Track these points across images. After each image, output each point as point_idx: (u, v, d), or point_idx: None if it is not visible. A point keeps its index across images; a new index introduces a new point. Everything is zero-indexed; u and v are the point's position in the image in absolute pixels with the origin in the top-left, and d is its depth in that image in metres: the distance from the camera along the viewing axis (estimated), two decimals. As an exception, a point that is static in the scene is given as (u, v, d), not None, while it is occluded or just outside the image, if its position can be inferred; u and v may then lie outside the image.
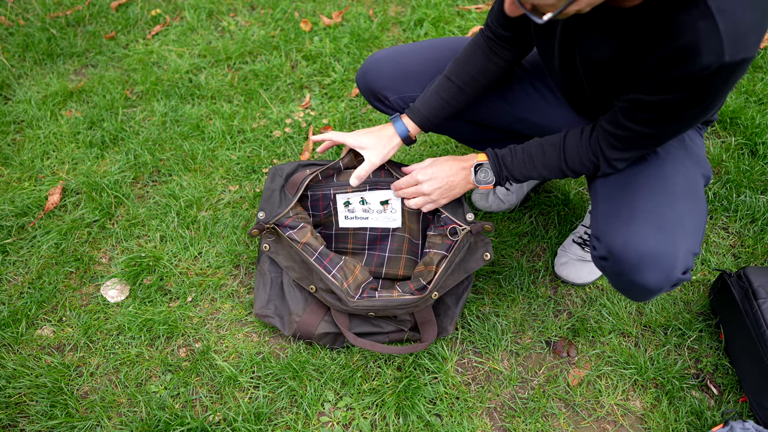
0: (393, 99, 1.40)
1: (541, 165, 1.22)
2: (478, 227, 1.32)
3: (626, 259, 1.08)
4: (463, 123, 1.45)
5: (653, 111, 0.99)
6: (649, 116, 1.01)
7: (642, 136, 1.06)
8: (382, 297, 1.31)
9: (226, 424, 1.33)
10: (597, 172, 1.19)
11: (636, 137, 1.07)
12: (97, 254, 1.67)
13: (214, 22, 2.44)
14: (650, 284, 1.08)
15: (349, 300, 1.30)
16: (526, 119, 1.38)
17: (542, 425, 1.33)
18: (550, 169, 1.22)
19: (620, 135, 1.08)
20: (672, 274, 1.07)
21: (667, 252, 1.05)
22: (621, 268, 1.10)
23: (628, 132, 1.06)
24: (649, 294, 1.11)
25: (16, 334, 1.50)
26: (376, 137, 1.34)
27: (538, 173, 1.24)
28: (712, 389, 1.38)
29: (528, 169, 1.24)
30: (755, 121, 1.85)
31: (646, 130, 1.04)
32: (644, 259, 1.06)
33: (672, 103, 0.96)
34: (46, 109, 2.07)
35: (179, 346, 1.48)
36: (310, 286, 1.36)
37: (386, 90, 1.40)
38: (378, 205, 1.47)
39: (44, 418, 1.34)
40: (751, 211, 1.66)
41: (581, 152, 1.17)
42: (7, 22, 2.44)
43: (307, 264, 1.35)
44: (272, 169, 1.45)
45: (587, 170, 1.19)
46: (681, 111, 0.97)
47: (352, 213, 1.49)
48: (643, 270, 1.07)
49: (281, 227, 1.36)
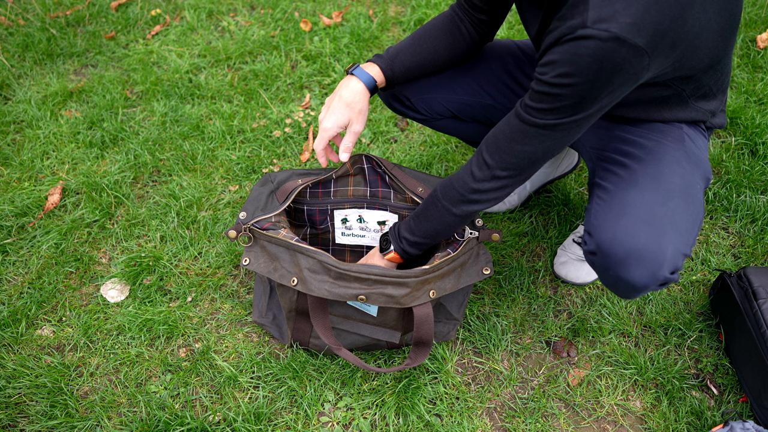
0: (415, 100, 1.39)
1: (431, 222, 1.22)
2: (485, 235, 1.30)
3: (613, 254, 1.07)
4: (470, 123, 1.45)
5: (543, 95, 0.99)
6: (541, 99, 1.00)
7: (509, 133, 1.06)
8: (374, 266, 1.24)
9: (226, 424, 1.33)
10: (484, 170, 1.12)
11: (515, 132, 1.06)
12: (97, 254, 1.67)
13: (214, 22, 2.44)
14: (636, 280, 1.07)
15: (339, 263, 1.22)
16: None
17: (542, 425, 1.33)
18: (443, 222, 1.22)
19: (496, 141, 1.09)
20: (658, 273, 1.06)
21: (654, 249, 1.04)
22: (608, 263, 1.09)
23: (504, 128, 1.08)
24: (635, 291, 1.11)
25: (16, 334, 1.50)
26: (346, 108, 1.25)
27: (432, 234, 1.24)
28: (712, 389, 1.38)
29: (423, 229, 1.24)
30: (755, 121, 1.85)
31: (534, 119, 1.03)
32: (631, 255, 1.05)
33: (552, 86, 0.96)
34: (46, 109, 2.07)
35: (179, 346, 1.48)
36: (292, 279, 1.26)
37: (408, 90, 1.38)
38: (375, 224, 1.47)
39: (44, 418, 1.34)
40: (751, 211, 1.66)
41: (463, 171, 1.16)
42: (7, 22, 2.44)
43: (288, 249, 1.27)
44: (266, 174, 1.44)
45: (478, 169, 1.13)
46: (558, 96, 0.97)
47: (349, 230, 1.49)
48: (629, 266, 1.06)
49: (259, 230, 1.30)
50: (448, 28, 1.31)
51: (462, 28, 1.31)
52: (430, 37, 1.31)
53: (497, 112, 1.39)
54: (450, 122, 1.44)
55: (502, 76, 1.37)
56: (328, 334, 1.28)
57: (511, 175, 1.10)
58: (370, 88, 1.27)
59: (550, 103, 0.98)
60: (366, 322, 1.36)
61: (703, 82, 1.12)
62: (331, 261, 1.21)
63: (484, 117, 1.41)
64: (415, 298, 1.23)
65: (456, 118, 1.43)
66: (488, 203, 1.16)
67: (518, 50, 1.40)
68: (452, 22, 1.31)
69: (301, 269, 1.24)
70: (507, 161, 1.08)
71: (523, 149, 1.06)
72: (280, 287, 1.33)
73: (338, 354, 1.29)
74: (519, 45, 1.41)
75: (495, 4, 1.26)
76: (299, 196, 1.47)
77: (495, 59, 1.38)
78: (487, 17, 1.29)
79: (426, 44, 1.31)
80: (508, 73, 1.37)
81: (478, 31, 1.32)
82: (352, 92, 1.25)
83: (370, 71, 1.27)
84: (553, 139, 1.04)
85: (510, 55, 1.39)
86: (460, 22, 1.31)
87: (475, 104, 1.39)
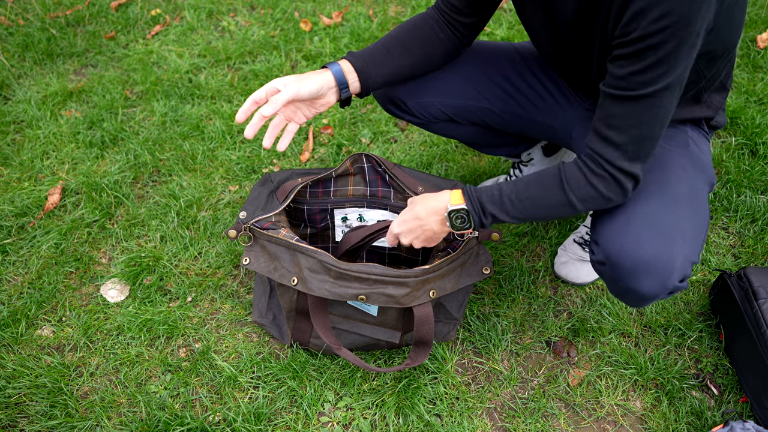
0: (411, 104, 1.37)
1: (538, 197, 1.07)
2: (485, 234, 1.30)
3: (622, 265, 1.06)
4: (467, 126, 1.44)
5: (632, 61, 0.93)
6: (631, 70, 0.93)
7: (629, 111, 0.96)
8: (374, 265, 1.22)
9: (226, 425, 1.33)
10: (610, 192, 1.03)
11: (625, 113, 0.97)
12: (97, 254, 1.67)
13: (214, 22, 2.44)
14: (645, 291, 1.07)
15: (339, 263, 1.21)
16: (535, 120, 1.37)
17: (542, 425, 1.33)
18: (550, 201, 1.06)
19: (611, 122, 0.99)
20: (668, 282, 1.05)
21: (663, 259, 1.03)
22: (617, 274, 1.08)
23: (614, 113, 0.98)
24: (645, 301, 1.10)
25: (16, 334, 1.50)
26: (308, 74, 1.19)
27: (531, 212, 1.09)
28: (712, 389, 1.38)
29: (518, 207, 1.08)
30: (755, 121, 1.85)
31: (631, 93, 0.95)
32: (640, 266, 1.04)
33: (649, 42, 0.89)
34: (46, 109, 2.07)
35: (179, 346, 1.48)
36: (292, 278, 1.25)
37: (403, 93, 1.37)
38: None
39: (44, 418, 1.34)
40: (751, 211, 1.66)
41: (583, 169, 1.04)
42: (7, 22, 2.43)
43: (288, 249, 1.27)
44: (266, 174, 1.44)
45: (596, 193, 1.03)
46: (661, 51, 0.90)
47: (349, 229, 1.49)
48: (638, 276, 1.05)
49: (259, 229, 1.30)
50: (424, 33, 1.26)
51: (440, 33, 1.27)
52: (403, 44, 1.25)
53: (494, 115, 1.39)
54: (447, 125, 1.43)
55: (498, 78, 1.36)
56: (328, 334, 1.28)
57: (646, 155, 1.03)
58: (337, 77, 1.20)
59: (652, 57, 0.91)
60: (366, 322, 1.36)
61: (720, 68, 1.11)
62: (331, 261, 1.21)
63: (480, 120, 1.41)
64: (415, 297, 1.23)
65: (452, 121, 1.42)
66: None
67: (515, 52, 1.38)
68: (428, 25, 1.26)
69: (302, 269, 1.24)
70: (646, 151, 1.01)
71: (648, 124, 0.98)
72: (280, 287, 1.33)
73: (338, 354, 1.29)
74: (516, 47, 1.40)
75: (479, 6, 1.23)
76: (299, 196, 1.47)
77: (491, 62, 1.37)
78: (469, 20, 1.26)
79: (399, 52, 1.26)
80: (504, 76, 1.36)
81: (457, 35, 1.28)
82: (312, 72, 1.20)
83: (343, 66, 1.22)
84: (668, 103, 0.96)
85: (506, 57, 1.38)
86: (437, 26, 1.27)
87: (471, 107, 1.38)
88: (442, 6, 1.26)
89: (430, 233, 1.19)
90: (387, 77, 1.26)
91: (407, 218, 1.20)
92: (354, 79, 1.22)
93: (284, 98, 1.13)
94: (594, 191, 1.04)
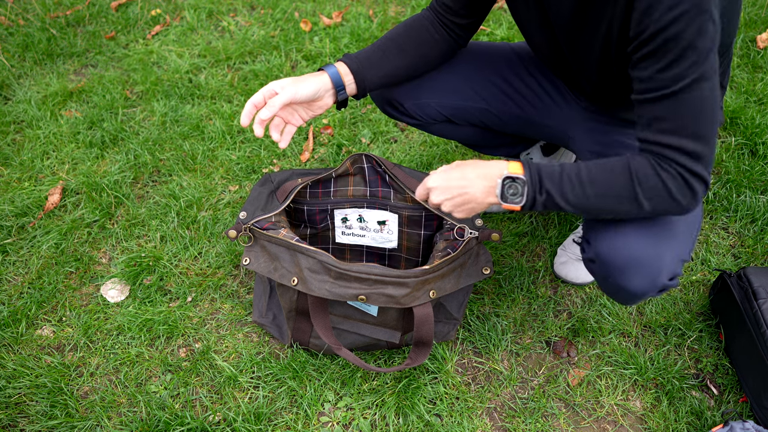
0: (408, 106, 1.37)
1: (602, 182, 0.97)
2: (485, 234, 1.30)
3: (612, 263, 1.07)
4: (465, 127, 1.44)
5: (663, 56, 0.88)
6: (665, 64, 0.89)
7: (675, 101, 0.91)
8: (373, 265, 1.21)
9: (226, 424, 1.33)
10: (679, 194, 0.95)
11: (666, 113, 0.92)
12: (97, 254, 1.67)
13: (214, 22, 2.44)
14: (635, 289, 1.07)
15: (340, 263, 1.20)
16: (533, 120, 1.37)
17: (542, 425, 1.33)
18: (615, 190, 0.97)
19: (660, 125, 0.93)
20: (657, 280, 1.06)
21: (653, 257, 1.04)
22: (607, 272, 1.09)
23: (656, 115, 0.93)
24: (635, 298, 1.11)
25: (16, 334, 1.50)
26: (305, 77, 1.19)
27: (589, 201, 0.99)
28: (712, 389, 1.38)
29: (576, 191, 0.98)
30: (755, 121, 1.85)
31: (673, 87, 0.90)
32: (630, 264, 1.05)
33: (674, 33, 0.86)
34: (46, 109, 2.07)
35: (179, 346, 1.48)
36: (292, 278, 1.25)
37: (400, 95, 1.37)
38: (375, 224, 1.47)
39: (44, 418, 1.34)
40: (751, 211, 1.66)
41: (651, 161, 0.95)
42: (7, 22, 2.44)
43: (288, 249, 1.26)
44: (266, 174, 1.44)
45: (665, 189, 0.95)
46: (686, 39, 0.86)
47: (350, 230, 1.49)
48: (628, 274, 1.06)
49: (259, 230, 1.30)
50: (420, 34, 1.26)
51: (436, 34, 1.27)
52: (399, 46, 1.25)
53: (491, 115, 1.39)
54: (444, 126, 1.43)
55: (496, 79, 1.36)
56: (328, 334, 1.28)
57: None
58: (334, 79, 1.20)
59: (674, 50, 0.87)
60: (366, 322, 1.36)
61: (719, 65, 1.10)
62: (331, 261, 1.21)
63: (478, 121, 1.41)
64: (415, 298, 1.23)
65: (450, 122, 1.42)
66: None
67: (512, 53, 1.38)
68: (423, 26, 1.27)
69: (302, 269, 1.25)
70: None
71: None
72: (280, 287, 1.33)
73: (338, 354, 1.29)
74: (513, 47, 1.40)
75: (474, 7, 1.23)
76: (299, 196, 1.47)
77: (489, 62, 1.37)
78: (464, 21, 1.26)
79: (395, 53, 1.26)
80: (502, 76, 1.36)
81: (452, 35, 1.28)
82: (309, 74, 1.20)
83: (338, 67, 1.22)
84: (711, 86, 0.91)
85: (503, 57, 1.38)
86: (432, 27, 1.27)
87: (469, 108, 1.38)
88: (437, 7, 1.26)
89: (470, 199, 1.05)
90: (383, 78, 1.27)
91: (451, 176, 1.06)
92: (350, 81, 1.22)
93: (281, 101, 1.14)
94: (663, 187, 0.95)
